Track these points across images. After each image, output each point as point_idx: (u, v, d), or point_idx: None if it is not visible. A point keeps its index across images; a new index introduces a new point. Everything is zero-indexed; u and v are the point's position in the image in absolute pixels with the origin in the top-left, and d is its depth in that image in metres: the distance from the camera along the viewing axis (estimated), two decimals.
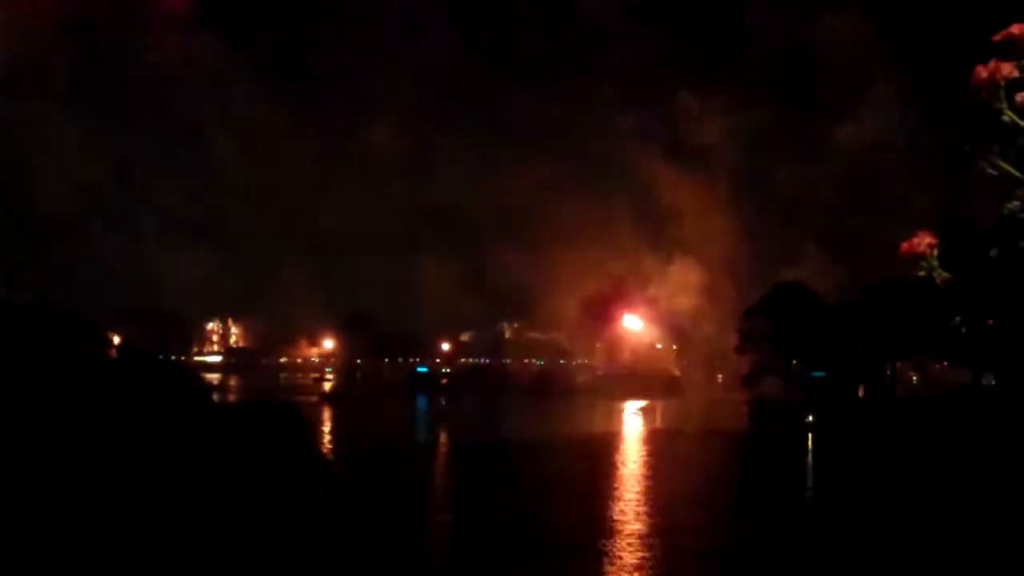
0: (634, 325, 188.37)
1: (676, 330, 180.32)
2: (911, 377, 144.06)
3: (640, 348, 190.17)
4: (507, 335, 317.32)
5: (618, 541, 37.42)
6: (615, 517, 42.67)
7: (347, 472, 60.53)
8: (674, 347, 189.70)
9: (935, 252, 3.29)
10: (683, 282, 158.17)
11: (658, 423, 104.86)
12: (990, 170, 3.16)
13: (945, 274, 3.30)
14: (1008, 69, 3.07)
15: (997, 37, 3.06)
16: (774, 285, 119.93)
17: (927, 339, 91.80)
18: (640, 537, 38.23)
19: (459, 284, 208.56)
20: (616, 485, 53.49)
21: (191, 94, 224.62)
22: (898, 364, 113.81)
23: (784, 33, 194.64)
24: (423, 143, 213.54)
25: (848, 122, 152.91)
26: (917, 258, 3.33)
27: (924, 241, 3.39)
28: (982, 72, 3.01)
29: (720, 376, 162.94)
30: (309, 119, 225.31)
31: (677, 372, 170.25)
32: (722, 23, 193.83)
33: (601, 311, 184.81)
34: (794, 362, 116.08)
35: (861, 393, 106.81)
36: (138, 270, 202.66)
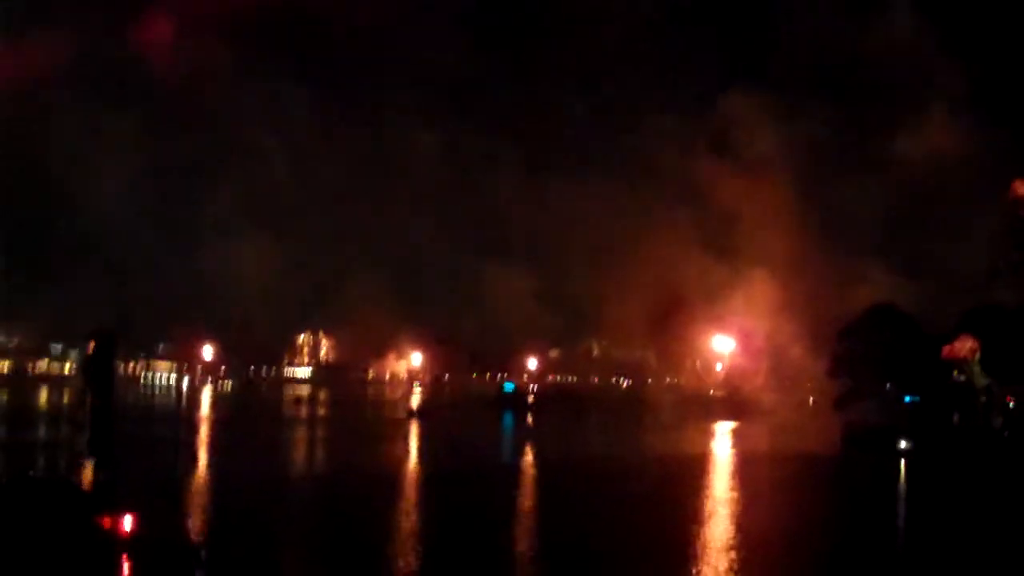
0: (723, 345, 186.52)
1: (766, 351, 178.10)
2: (1008, 403, 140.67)
3: (730, 369, 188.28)
4: (595, 353, 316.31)
5: (703, 569, 36.85)
6: (702, 544, 42.02)
7: (427, 495, 60.60)
8: (766, 369, 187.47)
9: (977, 357, 3.00)
10: (767, 302, 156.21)
11: (748, 446, 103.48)
12: None
13: (985, 380, 2.99)
14: None
15: None
16: (868, 307, 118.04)
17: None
18: (723, 568, 37.58)
19: (545, 300, 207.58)
20: (704, 510, 52.72)
21: (254, 105, 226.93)
22: (995, 391, 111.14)
23: (857, 49, 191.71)
24: (510, 162, 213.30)
25: (922, 137, 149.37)
26: (959, 363, 3.04)
27: (966, 346, 3.11)
28: (1020, 188, 2.71)
29: (811, 399, 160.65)
30: (381, 130, 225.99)
31: (768, 394, 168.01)
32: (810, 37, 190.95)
33: (687, 329, 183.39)
34: (888, 386, 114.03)
35: (956, 419, 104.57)
36: (235, 284, 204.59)
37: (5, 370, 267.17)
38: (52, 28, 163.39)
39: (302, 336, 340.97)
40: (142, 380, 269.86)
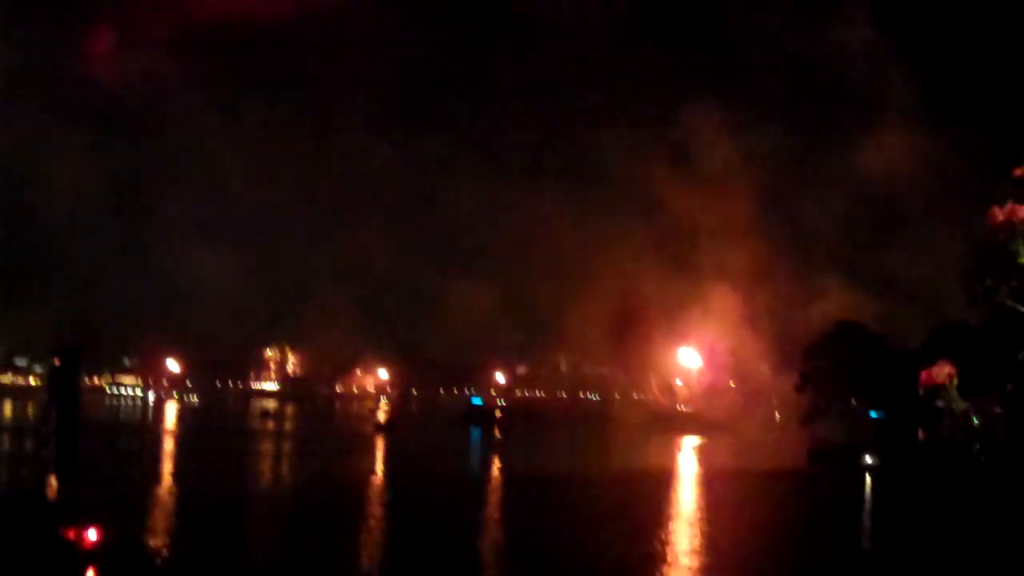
0: (690, 361, 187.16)
1: (732, 367, 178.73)
2: (972, 419, 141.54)
3: (696, 384, 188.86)
4: (563, 368, 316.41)
5: None
6: (664, 558, 42.16)
7: (393, 501, 60.58)
8: (731, 384, 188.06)
9: (954, 382, 3.16)
10: (732, 317, 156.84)
11: (714, 461, 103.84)
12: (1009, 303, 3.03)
13: (963, 404, 3.17)
14: None
15: (1018, 172, 2.92)
16: (834, 324, 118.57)
17: (989, 381, 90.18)
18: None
19: (512, 315, 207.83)
20: (667, 525, 52.85)
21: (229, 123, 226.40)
22: (971, 414, 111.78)
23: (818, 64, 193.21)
24: (471, 175, 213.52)
25: (882, 151, 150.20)
26: (936, 388, 3.19)
27: (943, 371, 3.27)
28: (999, 214, 2.88)
29: (777, 415, 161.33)
30: (342, 144, 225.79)
31: (734, 410, 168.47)
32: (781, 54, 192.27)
33: (654, 345, 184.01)
34: (853, 402, 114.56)
35: (921, 435, 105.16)
36: (198, 296, 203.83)
37: None
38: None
39: (269, 350, 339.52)
40: (107, 394, 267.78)
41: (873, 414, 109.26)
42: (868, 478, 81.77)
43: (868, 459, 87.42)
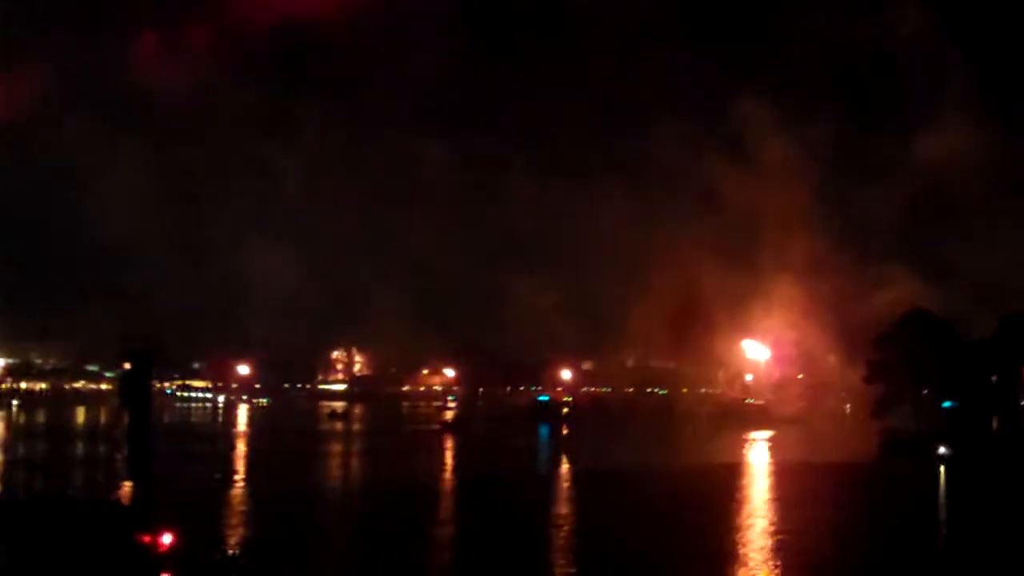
0: (758, 354, 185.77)
1: (800, 359, 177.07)
2: None
3: (765, 377, 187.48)
4: (629, 363, 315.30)
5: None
6: (742, 553, 41.71)
7: (464, 499, 60.61)
8: (799, 376, 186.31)
9: None
10: (798, 309, 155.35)
11: (785, 454, 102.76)
12: None
13: None
14: None
15: None
16: (903, 313, 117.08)
17: None
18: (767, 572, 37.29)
19: (578, 312, 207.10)
20: (740, 522, 52.30)
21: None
22: None
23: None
24: (527, 172, 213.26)
25: (941, 138, 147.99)
26: None
27: None
28: None
29: (848, 406, 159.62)
30: (399, 144, 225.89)
31: (803, 402, 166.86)
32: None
33: (720, 338, 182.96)
34: (925, 392, 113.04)
35: (995, 424, 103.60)
36: (264, 299, 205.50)
37: (43, 389, 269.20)
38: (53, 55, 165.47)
39: (335, 352, 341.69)
40: (178, 397, 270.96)
41: (945, 404, 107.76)
42: (942, 469, 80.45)
43: (942, 449, 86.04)
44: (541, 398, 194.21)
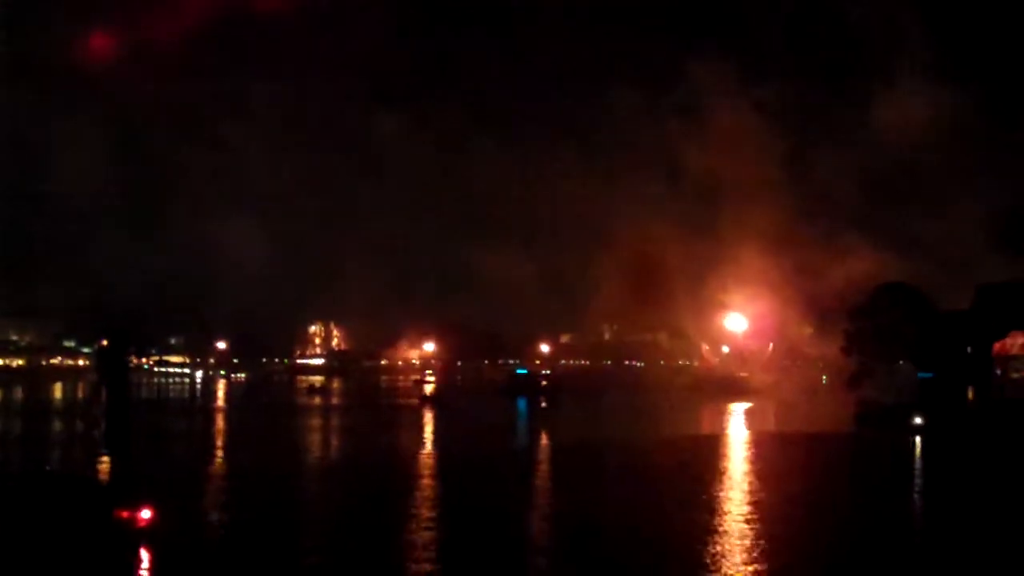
0: (734, 325, 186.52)
1: (775, 331, 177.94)
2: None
3: (740, 349, 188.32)
4: (606, 336, 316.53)
5: (723, 546, 36.87)
6: (719, 525, 42.03)
7: (443, 473, 60.89)
8: (775, 348, 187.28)
9: None
10: (771, 281, 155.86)
11: (762, 425, 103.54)
12: None
13: None
14: None
15: None
16: (879, 285, 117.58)
17: None
18: (744, 543, 37.61)
19: (555, 286, 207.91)
20: (719, 492, 52.68)
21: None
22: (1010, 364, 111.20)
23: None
24: (493, 145, 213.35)
25: (901, 106, 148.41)
26: (1011, 359, 3.05)
27: (1017, 342, 3.10)
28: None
29: (824, 377, 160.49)
30: (370, 119, 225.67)
31: (779, 373, 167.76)
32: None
33: (697, 310, 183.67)
34: (900, 363, 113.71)
35: (970, 395, 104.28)
36: (241, 275, 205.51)
37: (19, 366, 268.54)
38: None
39: (313, 327, 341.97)
40: (155, 373, 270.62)
41: (920, 375, 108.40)
42: (918, 439, 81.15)
43: (917, 420, 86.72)
44: (519, 371, 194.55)
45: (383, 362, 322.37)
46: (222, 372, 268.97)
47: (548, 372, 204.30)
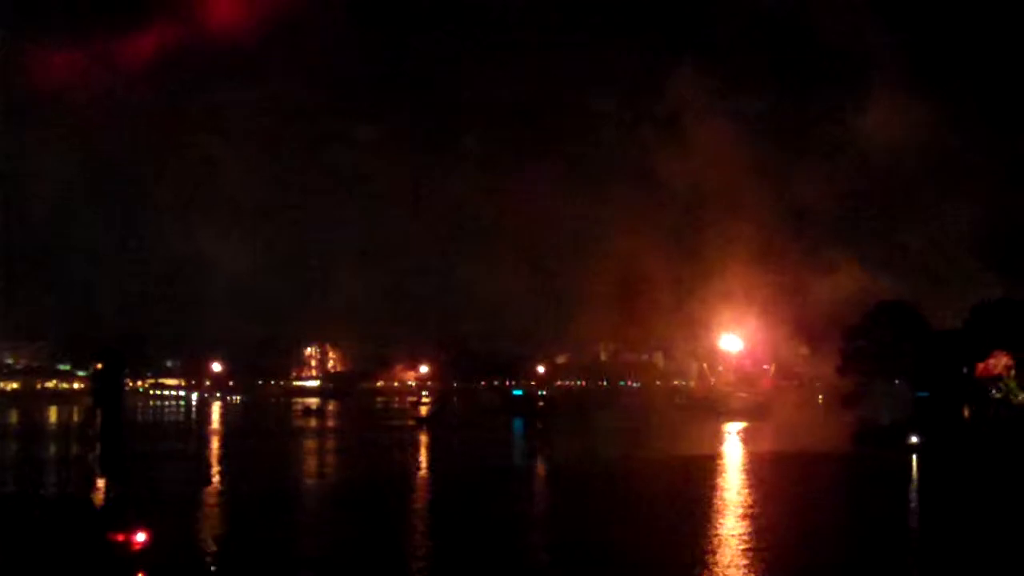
0: (730, 345, 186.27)
1: (773, 351, 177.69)
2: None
3: (736, 369, 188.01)
4: (602, 357, 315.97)
5: (719, 567, 36.74)
6: (716, 542, 41.93)
7: (439, 495, 60.71)
8: (769, 368, 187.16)
9: (1012, 373, 2.98)
10: (768, 302, 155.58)
11: (759, 445, 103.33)
12: None
13: (1023, 395, 2.97)
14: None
15: None
16: (875, 304, 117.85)
17: None
18: (740, 565, 37.48)
19: (551, 306, 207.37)
20: (716, 512, 52.59)
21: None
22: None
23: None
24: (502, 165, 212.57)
25: (882, 120, 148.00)
26: (993, 379, 3.02)
27: (1000, 362, 3.07)
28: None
29: (820, 397, 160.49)
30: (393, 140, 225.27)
31: (776, 393, 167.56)
32: None
33: (693, 331, 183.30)
34: (896, 382, 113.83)
35: (967, 413, 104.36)
36: (238, 297, 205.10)
37: (14, 389, 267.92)
38: None
39: (309, 348, 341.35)
40: (151, 396, 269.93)
41: (917, 394, 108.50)
42: (914, 457, 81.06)
43: (913, 439, 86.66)
44: (515, 392, 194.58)
45: (379, 384, 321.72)
46: (218, 394, 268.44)
47: (544, 392, 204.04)
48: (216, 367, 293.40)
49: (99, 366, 43.64)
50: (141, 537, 35.03)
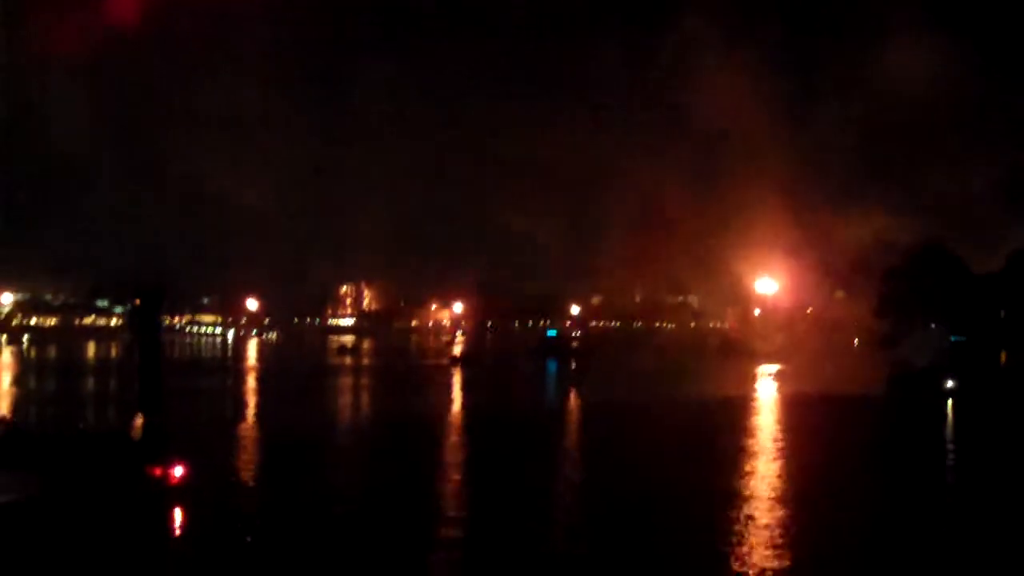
0: (766, 288, 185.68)
1: (810, 293, 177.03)
2: None
3: (774, 311, 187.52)
4: (637, 298, 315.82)
5: (751, 511, 36.82)
6: (750, 484, 42.01)
7: (472, 434, 61.05)
8: (808, 310, 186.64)
9: None
10: (805, 244, 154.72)
11: (792, 388, 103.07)
12: None
13: None
14: None
15: None
16: (915, 247, 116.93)
17: None
18: (770, 507, 37.56)
19: (586, 247, 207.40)
20: (748, 455, 52.62)
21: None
22: None
23: None
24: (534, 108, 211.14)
25: (909, 62, 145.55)
26: None
27: None
28: None
29: (856, 340, 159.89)
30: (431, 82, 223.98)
31: (811, 336, 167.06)
32: None
33: (729, 272, 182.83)
34: (933, 326, 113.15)
35: (1003, 359, 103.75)
36: (274, 235, 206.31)
37: (53, 325, 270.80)
38: None
39: (345, 287, 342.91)
40: (188, 333, 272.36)
41: (953, 338, 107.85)
42: (949, 402, 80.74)
43: (949, 383, 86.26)
44: (549, 332, 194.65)
45: (413, 323, 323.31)
46: (254, 332, 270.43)
47: (579, 333, 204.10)
48: (252, 305, 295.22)
49: (136, 303, 43.99)
50: (179, 471, 35.53)
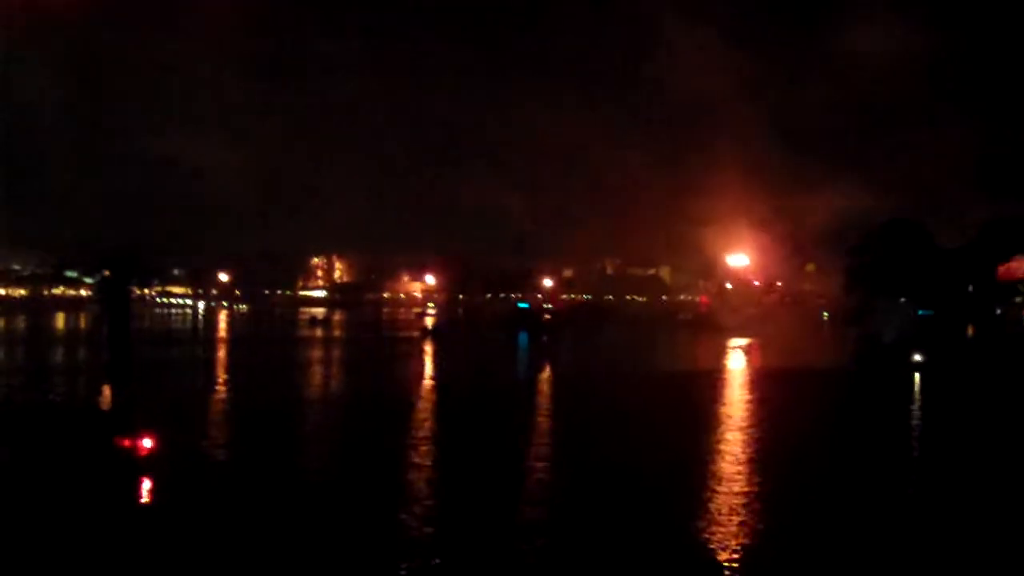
0: (737, 261, 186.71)
1: (779, 267, 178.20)
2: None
3: (743, 285, 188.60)
4: (609, 271, 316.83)
5: (713, 485, 37.19)
6: (715, 456, 42.39)
7: (444, 405, 61.26)
8: (777, 284, 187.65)
9: None
10: (776, 219, 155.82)
11: (761, 361, 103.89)
12: None
13: None
14: None
15: None
16: (882, 221, 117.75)
17: None
18: (737, 480, 37.93)
19: (558, 221, 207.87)
20: (717, 424, 53.09)
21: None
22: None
23: None
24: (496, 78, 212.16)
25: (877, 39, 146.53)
26: (1014, 283, 3.10)
27: (1022, 267, 3.13)
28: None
29: (825, 314, 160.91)
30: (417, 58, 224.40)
31: (781, 310, 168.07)
32: None
33: (699, 246, 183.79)
34: (901, 300, 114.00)
35: (970, 332, 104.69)
36: (245, 206, 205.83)
37: (22, 295, 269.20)
38: None
39: (316, 258, 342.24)
40: (157, 304, 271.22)
41: (921, 312, 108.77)
42: (917, 376, 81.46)
43: (916, 357, 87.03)
44: (521, 305, 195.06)
45: (385, 295, 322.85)
46: (224, 303, 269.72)
47: (550, 306, 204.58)
48: (223, 276, 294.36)
49: (106, 274, 43.93)
50: (148, 443, 35.58)
